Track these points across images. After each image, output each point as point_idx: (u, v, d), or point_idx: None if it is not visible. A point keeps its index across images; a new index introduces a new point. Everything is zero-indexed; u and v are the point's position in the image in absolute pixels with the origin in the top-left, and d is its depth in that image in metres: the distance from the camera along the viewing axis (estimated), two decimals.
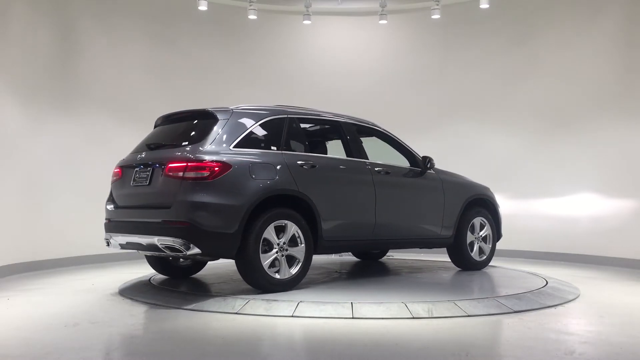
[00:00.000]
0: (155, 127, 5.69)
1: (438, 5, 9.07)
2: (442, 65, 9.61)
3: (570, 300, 5.09)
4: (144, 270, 6.58)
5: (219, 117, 5.06)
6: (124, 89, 8.55)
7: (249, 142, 5.07)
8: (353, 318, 4.25)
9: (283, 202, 5.04)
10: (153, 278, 5.96)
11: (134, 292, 5.35)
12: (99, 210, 5.67)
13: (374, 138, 6.28)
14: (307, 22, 9.41)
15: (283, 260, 4.99)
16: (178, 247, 4.63)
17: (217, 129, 4.96)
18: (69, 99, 7.90)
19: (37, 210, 7.33)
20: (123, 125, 8.34)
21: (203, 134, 4.96)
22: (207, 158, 4.72)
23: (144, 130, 5.89)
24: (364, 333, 3.89)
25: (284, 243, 4.99)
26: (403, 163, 6.25)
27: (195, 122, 5.26)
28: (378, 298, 4.68)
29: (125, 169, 5.35)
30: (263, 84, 9.50)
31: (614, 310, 4.84)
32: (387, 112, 9.10)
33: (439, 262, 7.46)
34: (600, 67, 8.21)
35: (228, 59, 9.48)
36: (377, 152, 6.11)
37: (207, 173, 4.67)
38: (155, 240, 4.74)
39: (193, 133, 5.10)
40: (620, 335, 3.91)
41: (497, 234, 6.91)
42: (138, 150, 5.40)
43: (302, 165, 5.21)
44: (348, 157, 5.76)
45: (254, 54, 9.62)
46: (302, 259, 5.08)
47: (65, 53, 7.93)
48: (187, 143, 5.00)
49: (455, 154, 8.95)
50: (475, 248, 6.65)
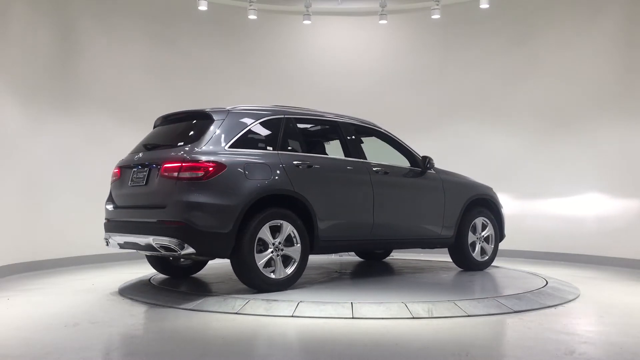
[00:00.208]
0: (155, 127, 5.72)
1: (438, 5, 9.07)
2: (442, 65, 9.61)
3: (570, 300, 5.09)
4: (144, 270, 6.58)
5: (215, 117, 5.08)
6: (124, 89, 8.55)
7: (245, 142, 5.08)
8: (353, 318, 4.25)
9: (279, 202, 5.05)
10: (153, 278, 5.97)
11: (134, 292, 5.35)
12: (99, 210, 5.69)
13: (374, 138, 6.27)
14: (307, 22, 9.41)
15: (278, 260, 5.00)
16: (173, 246, 4.65)
17: (212, 129, 4.98)
18: (69, 99, 7.90)
19: (37, 210, 7.34)
20: (123, 125, 8.34)
21: (199, 135, 4.98)
22: (201, 158, 4.74)
23: (144, 130, 5.90)
24: (364, 333, 3.88)
25: (280, 243, 5.00)
26: (403, 163, 6.25)
27: (192, 122, 5.27)
28: (378, 298, 4.68)
29: (124, 170, 5.37)
30: (263, 84, 9.50)
31: (614, 310, 4.84)
32: (387, 112, 9.10)
33: (441, 262, 7.45)
34: (600, 67, 8.21)
35: (228, 59, 9.48)
36: (377, 152, 6.11)
37: (201, 173, 4.69)
38: (151, 240, 4.77)
39: (189, 133, 5.12)
40: (620, 335, 3.91)
41: (499, 235, 6.89)
42: (136, 151, 5.43)
43: (298, 165, 5.21)
44: (346, 157, 5.76)
45: (254, 54, 9.62)
46: (297, 259, 5.09)
47: (65, 53, 7.93)
48: (182, 143, 5.02)
49: (455, 154, 8.94)
50: (477, 248, 6.63)
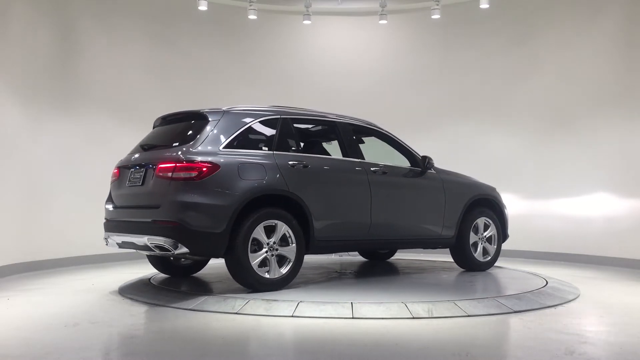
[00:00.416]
0: (154, 128, 5.74)
1: (438, 5, 9.07)
2: (442, 65, 9.61)
3: (570, 300, 5.09)
4: (144, 270, 6.59)
5: (211, 118, 5.10)
6: (124, 89, 8.55)
7: (241, 142, 5.10)
8: (353, 318, 4.25)
9: (274, 202, 5.06)
10: (153, 278, 5.97)
11: (134, 291, 5.35)
12: (99, 210, 5.70)
13: (374, 138, 6.27)
14: (307, 22, 9.41)
15: (273, 260, 5.00)
16: (167, 246, 4.68)
17: (208, 130, 5.00)
18: (69, 99, 7.90)
19: (37, 210, 7.33)
20: (123, 125, 8.34)
21: (194, 135, 5.01)
22: (195, 159, 4.76)
23: (144, 130, 5.91)
24: (364, 333, 3.88)
25: (274, 243, 5.00)
26: (403, 163, 6.24)
27: (189, 123, 5.31)
28: (378, 298, 4.68)
29: (122, 170, 5.42)
30: (263, 84, 9.50)
31: (614, 310, 4.84)
32: (387, 112, 9.10)
33: (442, 262, 7.45)
34: (600, 67, 8.21)
35: (228, 59, 9.48)
36: (377, 152, 6.11)
37: (195, 173, 4.71)
38: (146, 240, 4.80)
39: (185, 134, 5.15)
40: (620, 335, 3.91)
41: (503, 235, 6.84)
42: (134, 151, 5.47)
43: (293, 166, 5.21)
44: (344, 157, 5.75)
45: (254, 54, 9.62)
46: (293, 259, 5.10)
47: (65, 53, 7.92)
48: (178, 144, 5.04)
49: (455, 154, 8.94)
50: (479, 248, 6.59)
